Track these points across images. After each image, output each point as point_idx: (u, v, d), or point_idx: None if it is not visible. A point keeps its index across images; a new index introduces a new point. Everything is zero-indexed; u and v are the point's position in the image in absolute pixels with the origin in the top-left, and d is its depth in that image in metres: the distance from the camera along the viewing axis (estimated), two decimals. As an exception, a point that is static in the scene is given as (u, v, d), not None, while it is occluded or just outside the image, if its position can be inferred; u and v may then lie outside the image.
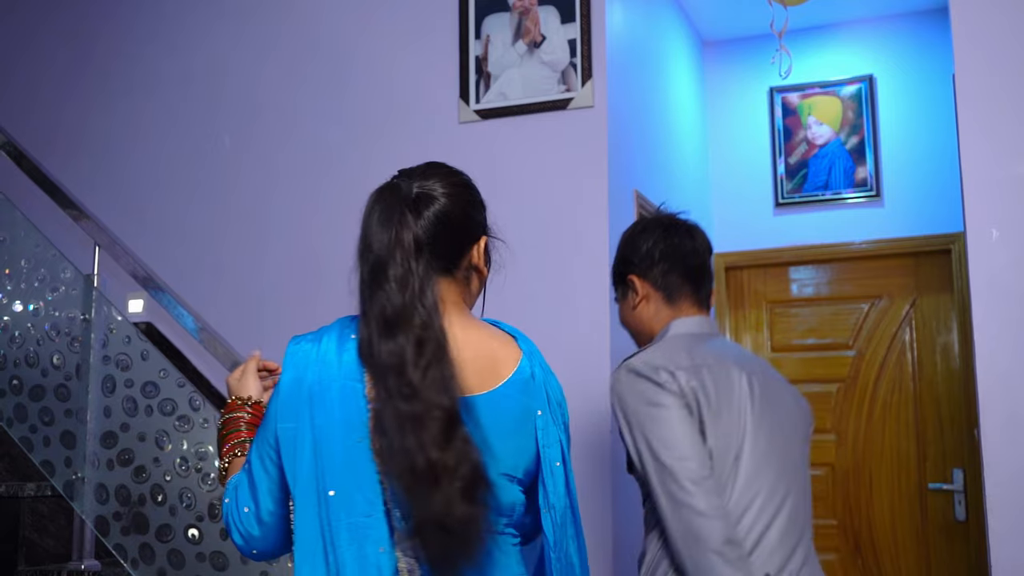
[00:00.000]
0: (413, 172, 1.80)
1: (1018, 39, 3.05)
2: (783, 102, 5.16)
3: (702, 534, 2.05)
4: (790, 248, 5.08)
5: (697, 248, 2.42)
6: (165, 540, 2.81)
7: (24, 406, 3.07)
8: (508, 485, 1.62)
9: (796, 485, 2.29)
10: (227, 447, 1.80)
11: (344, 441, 1.56)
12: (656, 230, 2.43)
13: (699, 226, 2.50)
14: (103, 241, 3.15)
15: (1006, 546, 2.94)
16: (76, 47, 4.59)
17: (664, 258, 2.38)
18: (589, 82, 3.73)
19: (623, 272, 2.44)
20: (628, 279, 2.42)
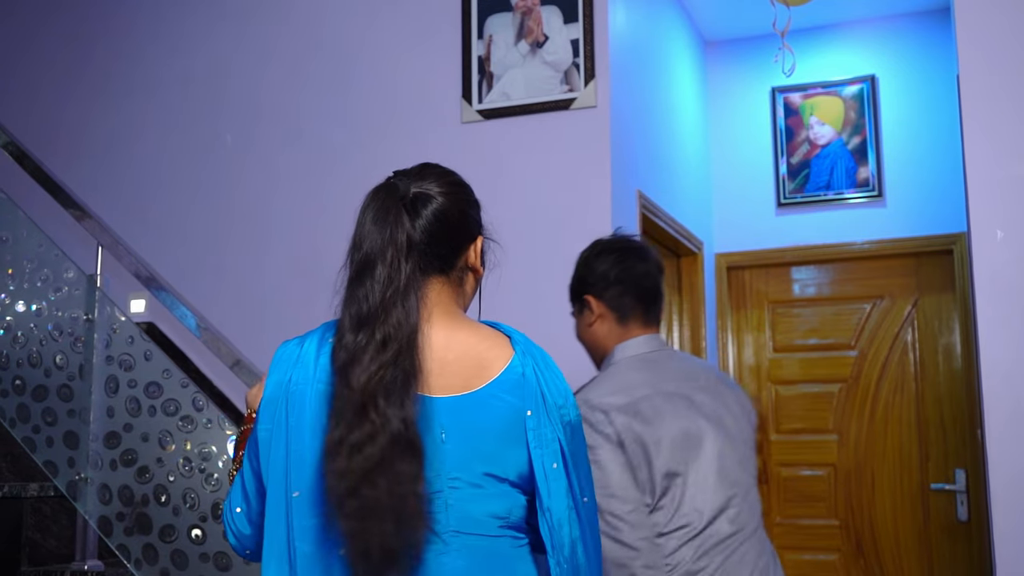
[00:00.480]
0: (409, 172, 1.80)
1: (1021, 40, 3.05)
2: (785, 102, 5.16)
3: (625, 563, 2.20)
4: (792, 248, 5.08)
5: (650, 271, 2.51)
6: (168, 540, 2.81)
7: (27, 406, 3.06)
8: (497, 485, 1.60)
9: (740, 487, 2.38)
10: (238, 455, 1.81)
11: (311, 443, 1.56)
12: (612, 253, 2.52)
13: (651, 249, 2.59)
14: (106, 241, 3.15)
15: (1010, 546, 2.94)
16: (77, 48, 4.59)
17: (619, 281, 2.47)
18: (592, 82, 3.73)
19: (580, 291, 2.53)
20: (584, 299, 2.50)
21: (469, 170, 3.93)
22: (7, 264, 3.22)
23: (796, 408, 5.07)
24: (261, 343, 3.88)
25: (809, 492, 5.00)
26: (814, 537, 4.95)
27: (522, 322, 3.07)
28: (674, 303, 4.85)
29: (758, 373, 5.17)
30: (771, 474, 5.06)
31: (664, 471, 2.28)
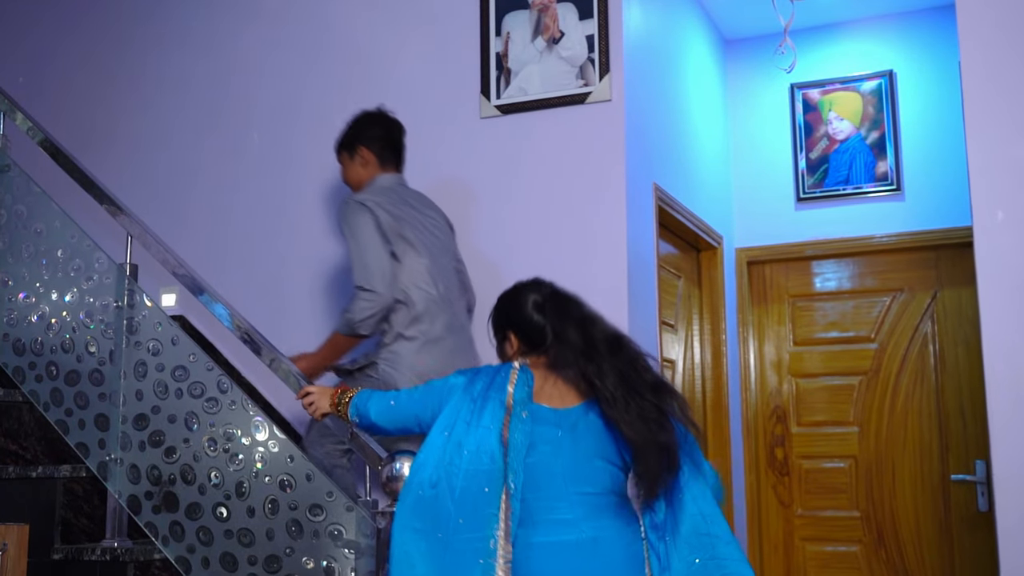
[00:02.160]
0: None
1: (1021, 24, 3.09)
2: (804, 98, 5.21)
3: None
4: (812, 242, 5.12)
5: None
6: (194, 518, 2.91)
7: (60, 390, 3.17)
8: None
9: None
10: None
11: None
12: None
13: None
14: (135, 232, 3.26)
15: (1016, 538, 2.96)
16: (109, 47, 4.73)
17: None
18: (607, 77, 3.81)
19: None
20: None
21: (488, 164, 4.07)
22: (41, 254, 3.34)
23: (817, 401, 5.11)
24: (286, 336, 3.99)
25: (830, 484, 5.03)
26: (835, 529, 4.99)
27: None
28: (693, 297, 4.91)
29: (779, 367, 5.21)
30: (793, 466, 5.10)
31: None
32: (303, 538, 2.77)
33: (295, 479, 2.81)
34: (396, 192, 3.48)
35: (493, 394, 2.46)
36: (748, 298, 5.25)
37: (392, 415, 2.61)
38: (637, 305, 3.77)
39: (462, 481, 2.35)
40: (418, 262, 3.33)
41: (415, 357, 3.25)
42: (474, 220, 3.91)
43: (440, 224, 3.55)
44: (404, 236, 3.32)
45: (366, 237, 3.27)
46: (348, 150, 3.59)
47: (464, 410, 2.46)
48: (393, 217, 3.33)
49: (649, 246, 3.97)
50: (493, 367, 2.60)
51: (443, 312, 3.35)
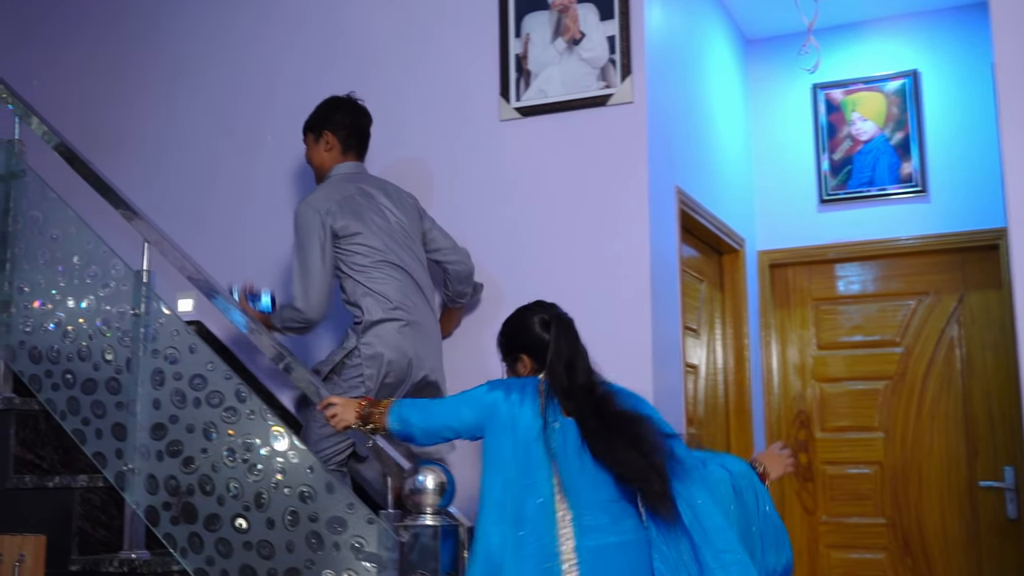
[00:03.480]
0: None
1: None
2: (827, 98, 5.14)
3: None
4: (835, 245, 5.05)
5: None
6: (213, 529, 2.86)
7: (77, 399, 3.13)
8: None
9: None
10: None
11: None
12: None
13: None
14: (152, 238, 3.22)
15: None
16: (124, 50, 4.69)
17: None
18: (628, 78, 3.75)
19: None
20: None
21: (507, 167, 4.01)
22: (57, 261, 3.30)
23: (841, 406, 5.04)
24: (305, 341, 3.94)
25: (855, 490, 4.96)
26: (861, 536, 4.91)
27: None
28: (716, 301, 4.84)
29: (803, 371, 5.14)
30: (817, 472, 5.03)
31: None
32: (324, 550, 2.72)
33: (315, 490, 2.76)
34: (355, 181, 3.59)
35: (529, 408, 2.56)
36: (771, 301, 5.18)
37: (432, 424, 2.64)
38: (660, 310, 3.71)
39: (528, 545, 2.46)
40: (377, 258, 3.44)
41: (385, 343, 3.36)
42: (494, 224, 3.85)
43: (398, 211, 3.59)
44: (360, 237, 3.44)
45: (312, 250, 3.41)
46: (314, 133, 3.68)
47: (512, 457, 2.52)
48: (348, 217, 3.44)
49: (672, 251, 3.90)
50: (519, 381, 2.66)
51: (411, 297, 3.47)
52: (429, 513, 2.60)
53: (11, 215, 3.41)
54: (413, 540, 2.58)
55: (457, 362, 3.69)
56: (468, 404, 2.61)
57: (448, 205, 3.92)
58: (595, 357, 3.14)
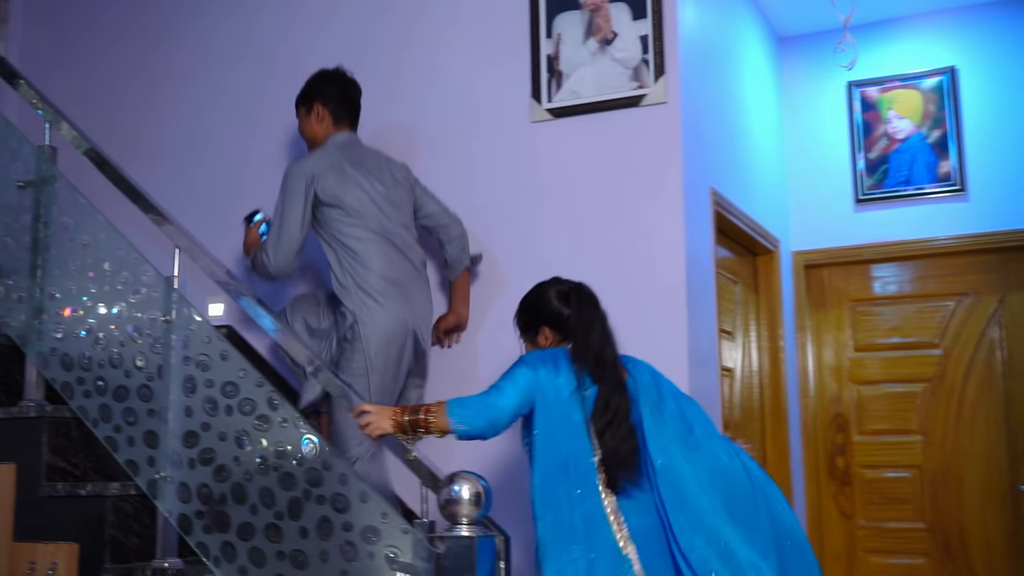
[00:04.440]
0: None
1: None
2: (862, 96, 5.07)
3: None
4: (872, 245, 4.98)
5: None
6: (246, 539, 2.83)
7: (108, 406, 3.11)
8: None
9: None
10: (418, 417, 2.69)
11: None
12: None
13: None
14: (182, 243, 3.19)
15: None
16: (155, 55, 4.67)
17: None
18: (662, 78, 3.69)
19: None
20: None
21: (540, 169, 3.96)
22: (88, 267, 3.28)
23: (879, 408, 4.96)
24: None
25: (894, 494, 4.88)
26: (900, 540, 4.84)
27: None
28: (751, 302, 4.78)
29: (839, 373, 5.07)
30: (854, 475, 4.96)
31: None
32: (358, 560, 2.68)
33: (349, 499, 2.72)
34: (345, 151, 3.63)
35: (564, 376, 2.70)
36: (806, 303, 5.11)
37: (495, 416, 2.67)
38: (696, 313, 3.66)
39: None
40: (362, 224, 3.49)
41: (379, 313, 3.43)
42: (526, 228, 3.81)
43: (389, 181, 3.64)
44: (345, 202, 3.49)
45: (291, 210, 3.48)
46: (305, 106, 3.74)
47: (560, 425, 2.66)
48: (335, 183, 3.50)
49: (707, 253, 3.85)
50: (550, 352, 2.77)
51: (398, 263, 3.52)
52: (465, 524, 2.55)
53: (42, 221, 3.39)
54: (448, 551, 2.53)
55: (491, 367, 3.65)
56: (515, 385, 2.67)
57: (480, 208, 3.88)
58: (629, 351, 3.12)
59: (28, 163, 3.46)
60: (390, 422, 2.71)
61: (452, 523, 2.57)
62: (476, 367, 3.76)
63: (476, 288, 3.83)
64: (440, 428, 2.67)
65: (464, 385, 3.48)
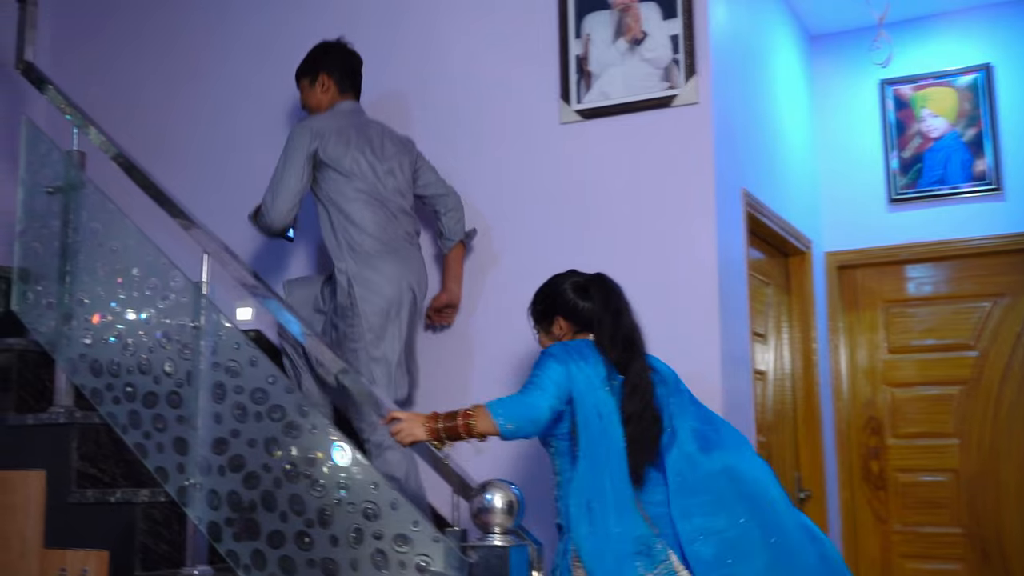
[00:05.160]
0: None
1: None
2: (895, 95, 5.00)
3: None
4: (905, 245, 4.91)
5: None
6: (277, 546, 2.81)
7: (138, 412, 3.09)
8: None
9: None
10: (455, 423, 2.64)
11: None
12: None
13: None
14: (211, 248, 3.17)
15: None
16: (181, 57, 4.66)
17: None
18: (693, 78, 3.64)
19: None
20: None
21: (569, 171, 3.92)
22: (117, 273, 3.27)
23: (914, 411, 4.89)
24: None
25: (930, 498, 4.81)
26: (936, 545, 4.76)
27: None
28: (783, 304, 4.72)
29: (872, 375, 5.00)
30: (889, 479, 4.89)
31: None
32: (389, 569, 2.65)
33: (379, 507, 2.69)
34: (350, 118, 3.70)
35: (592, 366, 2.72)
36: (839, 304, 5.04)
37: (537, 414, 2.64)
38: (729, 316, 3.61)
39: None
40: (359, 187, 3.55)
41: (376, 274, 3.49)
42: (556, 230, 3.76)
43: (391, 150, 3.70)
44: (343, 164, 3.55)
45: (290, 164, 3.54)
46: (309, 77, 3.80)
47: (596, 416, 2.68)
48: (336, 145, 3.56)
49: (739, 255, 3.80)
50: (574, 344, 2.78)
51: (392, 228, 3.58)
52: (498, 533, 2.52)
53: (71, 227, 3.38)
54: (481, 560, 2.50)
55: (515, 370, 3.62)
56: (551, 380, 2.66)
57: (509, 210, 3.85)
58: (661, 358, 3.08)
59: (57, 168, 3.45)
60: (423, 429, 2.66)
61: (484, 532, 2.53)
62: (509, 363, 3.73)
63: (509, 290, 3.78)
64: (484, 431, 2.62)
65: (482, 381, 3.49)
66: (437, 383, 3.81)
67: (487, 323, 3.82)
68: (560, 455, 2.73)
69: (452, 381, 3.82)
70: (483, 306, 3.85)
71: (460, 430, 2.63)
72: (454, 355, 3.87)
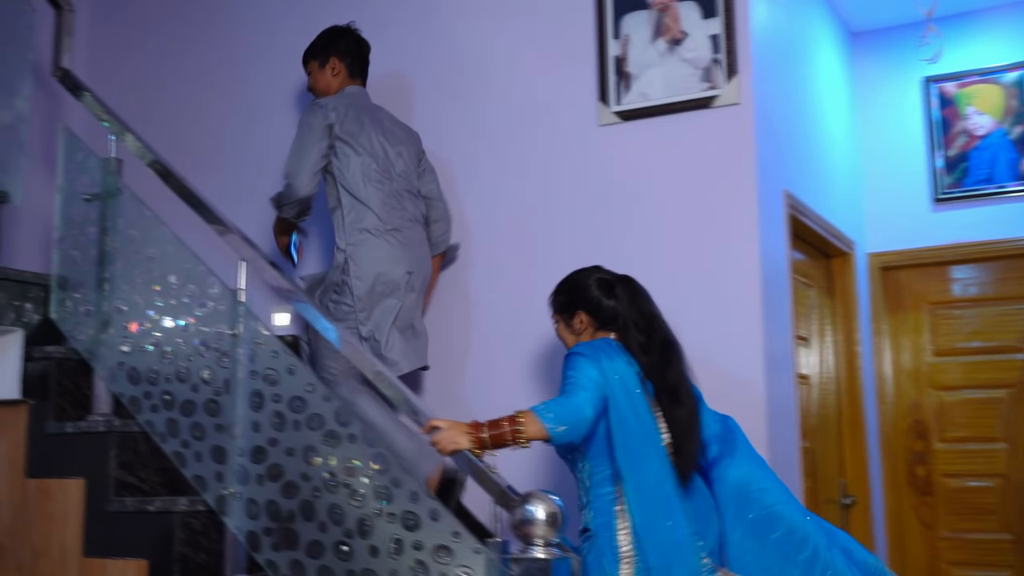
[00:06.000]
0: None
1: None
2: (939, 92, 4.91)
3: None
4: (951, 246, 4.82)
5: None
6: (316, 556, 2.78)
7: (176, 421, 3.07)
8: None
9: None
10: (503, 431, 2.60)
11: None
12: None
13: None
14: (248, 256, 3.15)
15: None
16: (219, 63, 4.65)
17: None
18: (734, 78, 3.58)
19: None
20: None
21: (608, 173, 3.87)
22: (155, 280, 3.25)
23: (960, 415, 4.80)
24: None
25: (977, 504, 4.71)
26: (984, 552, 4.67)
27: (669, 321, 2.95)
28: (825, 306, 4.64)
29: (917, 378, 4.91)
30: (935, 485, 4.79)
31: None
32: (428, 585, 2.61)
33: (419, 518, 2.66)
34: (360, 101, 3.77)
35: (622, 364, 2.72)
36: (883, 306, 4.95)
37: (582, 414, 2.62)
38: (772, 320, 3.54)
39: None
40: (369, 165, 3.61)
41: (373, 251, 3.54)
42: (595, 234, 3.71)
43: (400, 135, 3.78)
44: (358, 140, 3.62)
45: (308, 135, 3.60)
46: (319, 60, 3.84)
47: (632, 414, 2.68)
48: (351, 122, 3.63)
49: (782, 258, 3.73)
50: (600, 344, 2.77)
51: (397, 210, 3.63)
52: (540, 545, 2.47)
53: (108, 234, 3.37)
54: (523, 573, 2.46)
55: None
56: (590, 381, 2.65)
57: (547, 214, 3.80)
58: (704, 368, 3.04)
59: (94, 176, 3.44)
60: (467, 438, 2.61)
61: (526, 544, 2.49)
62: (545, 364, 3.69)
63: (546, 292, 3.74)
64: (533, 436, 2.58)
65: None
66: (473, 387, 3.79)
67: (524, 324, 3.76)
68: (592, 456, 2.70)
69: (481, 384, 3.82)
70: (520, 306, 3.79)
71: (508, 436, 2.58)
72: (491, 355, 3.84)
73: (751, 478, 2.73)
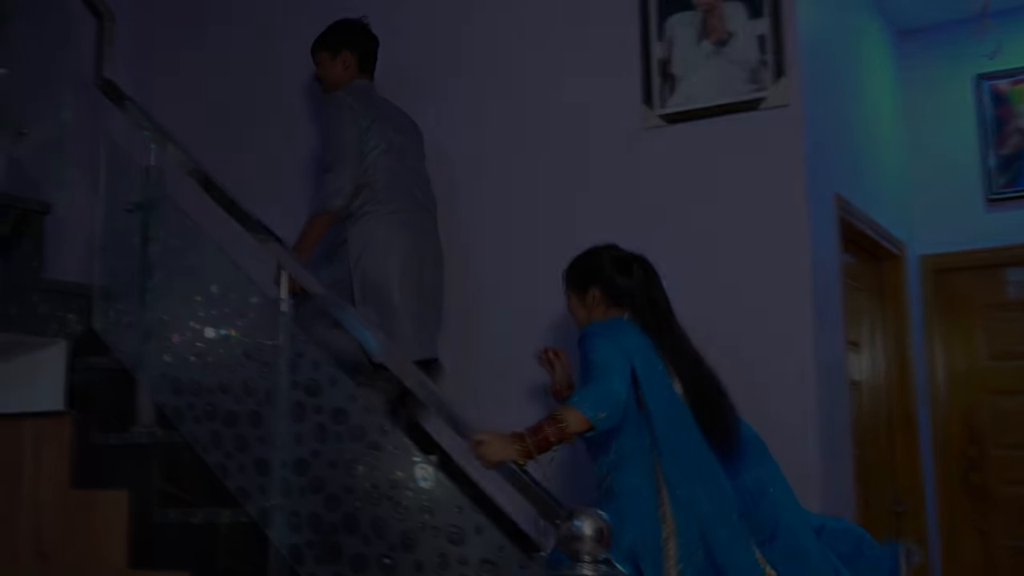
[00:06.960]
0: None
1: None
2: (992, 90, 4.79)
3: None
4: (1005, 248, 4.70)
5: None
6: (359, 570, 2.74)
7: (219, 432, 3.05)
8: None
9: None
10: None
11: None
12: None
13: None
14: (289, 265, 3.11)
15: None
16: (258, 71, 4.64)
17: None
18: (782, 79, 3.50)
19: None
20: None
21: (653, 177, 3.80)
22: (196, 290, 3.23)
23: (1019, 420, 4.67)
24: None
25: (1036, 511, 4.59)
26: (1042, 561, 4.55)
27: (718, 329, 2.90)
28: (876, 309, 4.54)
29: (971, 383, 4.80)
30: (992, 492, 4.67)
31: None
32: (471, 597, 2.57)
33: (464, 531, 2.61)
34: (369, 94, 3.83)
35: (643, 342, 2.75)
36: (935, 309, 4.84)
37: (617, 398, 2.61)
38: (823, 325, 3.47)
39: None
40: (381, 156, 3.65)
41: (385, 232, 3.59)
42: (640, 237, 3.62)
43: (410, 128, 3.87)
44: (372, 129, 3.65)
45: (340, 123, 3.64)
46: (331, 51, 3.88)
47: (663, 387, 2.72)
48: (365, 112, 3.67)
49: (833, 263, 3.65)
50: (617, 324, 2.80)
51: (407, 196, 3.69)
52: (587, 562, 2.41)
53: (150, 244, 3.36)
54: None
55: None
56: (618, 362, 2.65)
57: (590, 219, 3.73)
58: (753, 376, 2.98)
59: (135, 185, 3.42)
60: (514, 448, 2.55)
61: (573, 559, 2.43)
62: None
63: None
64: (576, 430, 2.55)
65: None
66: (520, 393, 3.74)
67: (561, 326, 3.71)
68: (624, 431, 2.68)
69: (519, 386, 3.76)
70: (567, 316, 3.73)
71: (552, 437, 2.54)
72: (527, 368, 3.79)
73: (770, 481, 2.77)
